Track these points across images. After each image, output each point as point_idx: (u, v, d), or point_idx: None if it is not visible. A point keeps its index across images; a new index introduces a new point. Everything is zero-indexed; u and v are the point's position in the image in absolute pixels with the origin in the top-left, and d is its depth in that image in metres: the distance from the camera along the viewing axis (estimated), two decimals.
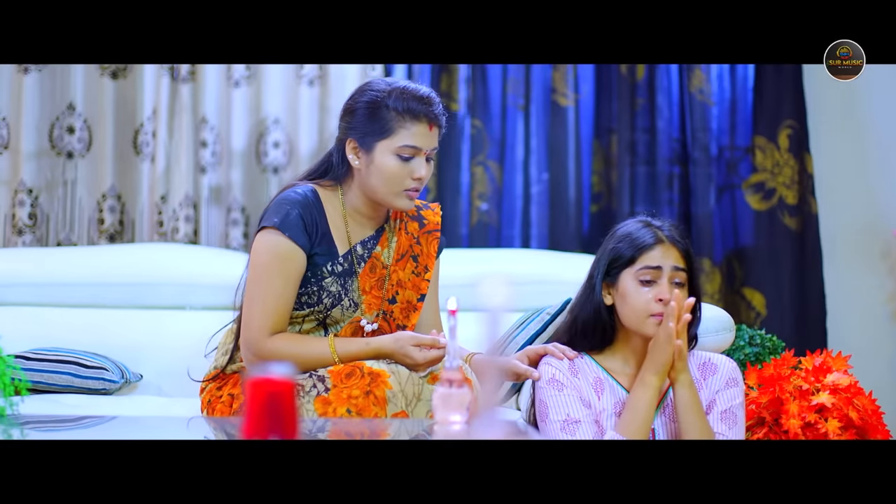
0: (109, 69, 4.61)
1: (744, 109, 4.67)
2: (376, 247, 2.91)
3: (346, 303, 2.85)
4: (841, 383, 3.21)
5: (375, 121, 2.79)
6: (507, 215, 4.68)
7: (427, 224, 3.01)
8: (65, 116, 4.63)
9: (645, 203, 4.66)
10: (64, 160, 4.63)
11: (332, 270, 2.84)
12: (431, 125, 2.81)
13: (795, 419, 3.16)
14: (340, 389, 2.65)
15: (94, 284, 3.98)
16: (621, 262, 2.83)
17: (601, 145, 4.71)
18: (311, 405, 2.66)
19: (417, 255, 2.96)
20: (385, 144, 2.79)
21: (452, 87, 4.72)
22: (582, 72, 4.68)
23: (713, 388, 2.90)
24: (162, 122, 4.61)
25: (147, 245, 4.37)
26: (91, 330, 3.82)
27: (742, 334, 3.80)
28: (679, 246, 2.82)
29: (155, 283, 3.95)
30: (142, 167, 4.64)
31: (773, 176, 4.59)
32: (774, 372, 3.28)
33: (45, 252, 4.33)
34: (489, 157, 4.70)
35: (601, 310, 2.87)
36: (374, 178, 2.81)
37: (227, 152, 4.67)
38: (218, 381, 2.89)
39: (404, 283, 2.94)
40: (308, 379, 2.71)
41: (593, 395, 2.86)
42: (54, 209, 4.62)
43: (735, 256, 4.65)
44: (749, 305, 4.59)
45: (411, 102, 2.79)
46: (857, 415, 3.17)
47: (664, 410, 2.87)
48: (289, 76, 4.64)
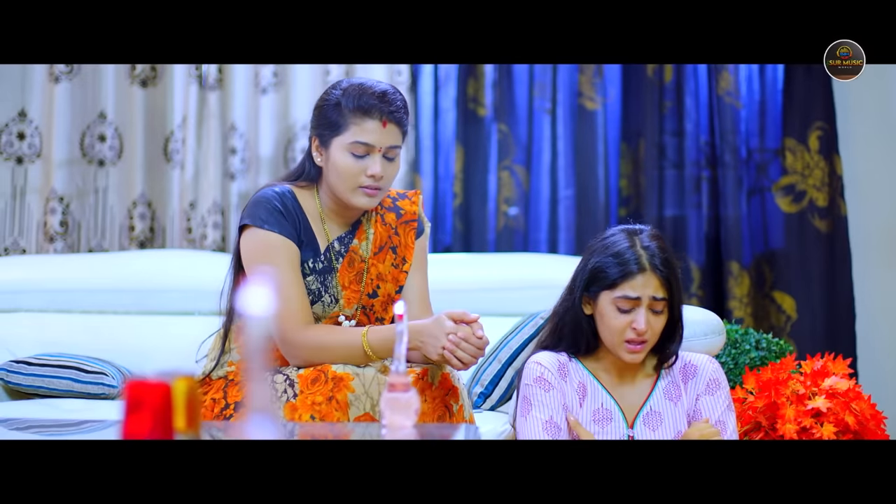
0: (139, 77, 4.65)
1: (773, 111, 4.63)
2: (353, 240, 2.91)
3: (327, 299, 2.85)
4: (839, 388, 3.16)
5: (332, 118, 2.80)
6: (533, 220, 4.67)
7: (404, 214, 3.01)
8: (96, 125, 4.68)
9: (674, 206, 4.63)
10: (95, 168, 4.68)
11: (313, 268, 2.84)
12: (385, 122, 2.80)
13: (791, 424, 3.12)
14: (306, 395, 2.64)
15: (102, 291, 4.02)
16: (601, 284, 2.80)
17: (629, 148, 4.68)
18: (281, 411, 2.66)
19: (396, 247, 2.96)
20: (338, 141, 2.80)
21: (479, 92, 4.72)
22: (608, 75, 4.66)
23: (694, 393, 2.87)
24: (190, 129, 4.65)
25: (157, 252, 4.43)
26: (99, 335, 3.87)
27: (749, 338, 3.76)
28: (660, 274, 2.77)
29: (163, 290, 3.99)
30: (172, 174, 4.68)
31: (804, 178, 4.55)
32: (772, 376, 3.24)
33: (55, 259, 4.37)
34: (515, 162, 4.69)
35: (581, 320, 2.86)
36: (332, 176, 2.82)
37: (255, 159, 4.70)
38: (204, 387, 2.90)
39: (385, 277, 2.93)
40: (282, 383, 2.71)
41: (576, 400, 2.84)
42: (85, 216, 4.67)
43: (765, 260, 4.61)
44: (779, 309, 4.55)
45: (364, 98, 2.79)
46: (855, 419, 3.12)
47: (644, 419, 2.84)
48: (316, 82, 4.66)
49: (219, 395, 2.83)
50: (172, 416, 1.71)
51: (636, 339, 2.76)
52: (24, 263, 4.27)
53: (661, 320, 2.78)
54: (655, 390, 2.87)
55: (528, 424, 2.80)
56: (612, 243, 2.83)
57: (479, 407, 3.51)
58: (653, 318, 2.77)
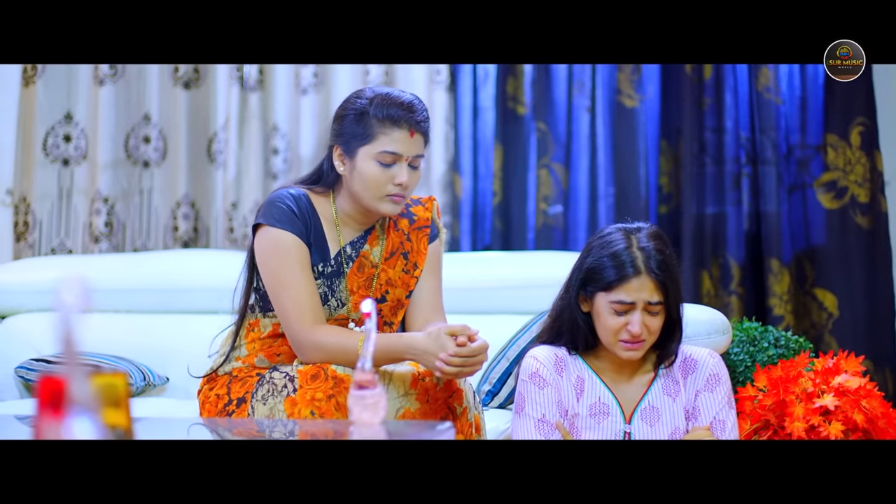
0: (182, 79, 4.71)
1: (814, 107, 4.60)
2: (364, 245, 2.93)
3: (333, 303, 2.88)
4: (849, 385, 3.13)
5: (358, 127, 2.83)
6: (572, 218, 4.68)
7: (417, 220, 3.03)
8: (140, 126, 4.74)
9: (714, 203, 4.62)
10: (140, 169, 4.74)
11: (322, 272, 2.87)
12: (413, 132, 2.83)
13: (800, 422, 3.09)
14: (306, 391, 2.68)
15: (128, 291, 4.06)
16: (597, 285, 2.79)
17: (669, 146, 4.68)
18: (281, 405, 2.70)
19: (408, 252, 2.98)
20: (366, 150, 2.82)
21: (518, 91, 4.73)
22: (647, 72, 4.65)
23: (693, 388, 2.85)
24: (233, 130, 4.70)
25: (184, 252, 4.50)
26: (123, 334, 3.91)
27: (768, 335, 3.73)
28: (656, 277, 2.74)
29: (186, 289, 4.03)
30: (215, 175, 4.74)
31: (845, 174, 4.52)
32: (783, 373, 3.21)
33: (83, 260, 4.43)
34: (554, 160, 4.70)
35: (578, 317, 2.85)
36: (357, 184, 2.84)
37: (296, 159, 4.74)
38: (210, 383, 2.95)
39: (394, 282, 2.96)
40: (281, 379, 2.75)
41: (573, 396, 2.83)
42: (130, 217, 4.74)
43: (806, 256, 4.59)
44: (821, 306, 4.52)
45: (392, 109, 2.82)
46: (864, 417, 3.09)
47: (641, 414, 2.84)
48: (356, 82, 4.69)
49: (223, 391, 2.88)
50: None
51: (631, 340, 2.75)
52: (57, 264, 4.32)
53: (658, 321, 2.77)
54: (654, 386, 2.85)
55: (520, 422, 2.80)
56: (608, 242, 2.80)
57: (486, 405, 3.52)
58: (649, 319, 2.75)
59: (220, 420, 2.78)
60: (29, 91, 4.61)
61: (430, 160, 4.71)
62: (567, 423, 2.81)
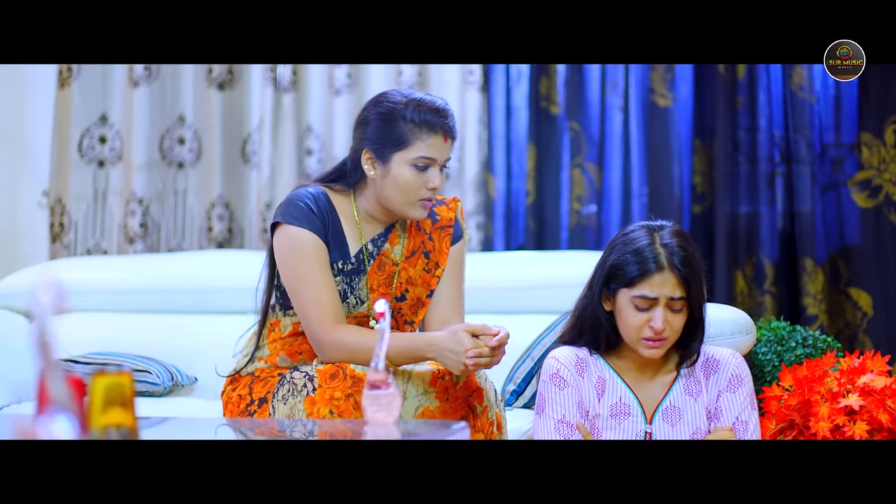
0: (216, 81, 4.74)
1: (848, 106, 4.57)
2: (385, 244, 2.94)
3: (352, 300, 2.89)
4: (875, 385, 3.10)
5: (392, 132, 2.82)
6: (605, 217, 4.68)
7: (440, 220, 3.03)
8: (175, 128, 4.77)
9: (747, 202, 4.60)
10: (175, 170, 4.77)
11: (342, 269, 2.88)
12: (446, 137, 2.84)
13: (825, 422, 3.07)
14: (324, 390, 2.69)
15: (160, 291, 4.10)
16: (620, 281, 2.79)
17: (702, 145, 4.66)
18: (301, 404, 2.71)
19: (429, 252, 2.98)
20: (402, 155, 2.82)
21: (551, 90, 4.73)
22: (680, 72, 4.64)
23: (715, 388, 2.85)
24: (266, 131, 4.72)
25: (214, 252, 4.52)
26: (153, 335, 3.95)
27: (795, 335, 3.71)
28: (679, 273, 2.74)
29: (218, 290, 4.06)
30: (250, 176, 4.77)
31: (880, 173, 4.49)
32: (808, 373, 3.19)
33: (112, 261, 4.47)
34: (587, 160, 4.70)
35: (601, 316, 2.85)
36: (389, 189, 2.84)
37: (330, 160, 4.76)
38: (234, 383, 2.97)
39: (414, 280, 2.96)
40: (301, 378, 2.76)
41: (594, 396, 2.83)
42: (165, 218, 4.77)
43: (840, 256, 4.56)
44: (855, 305, 4.50)
45: (428, 115, 2.82)
46: (889, 417, 3.06)
47: (663, 414, 2.83)
48: (389, 82, 4.70)
49: (245, 392, 2.89)
50: (87, 413, 1.74)
51: (654, 337, 2.75)
52: (92, 265, 4.35)
53: (681, 318, 2.77)
54: (675, 385, 2.85)
55: (541, 423, 2.80)
56: (631, 240, 2.81)
57: (511, 405, 3.53)
58: (671, 316, 2.75)
59: (242, 420, 2.80)
60: (64, 93, 4.65)
61: (463, 160, 4.72)
62: (588, 424, 2.81)
